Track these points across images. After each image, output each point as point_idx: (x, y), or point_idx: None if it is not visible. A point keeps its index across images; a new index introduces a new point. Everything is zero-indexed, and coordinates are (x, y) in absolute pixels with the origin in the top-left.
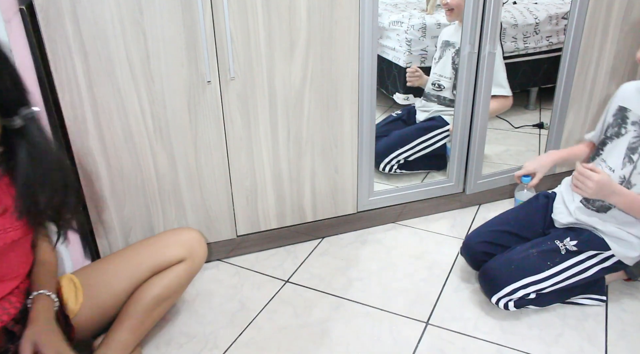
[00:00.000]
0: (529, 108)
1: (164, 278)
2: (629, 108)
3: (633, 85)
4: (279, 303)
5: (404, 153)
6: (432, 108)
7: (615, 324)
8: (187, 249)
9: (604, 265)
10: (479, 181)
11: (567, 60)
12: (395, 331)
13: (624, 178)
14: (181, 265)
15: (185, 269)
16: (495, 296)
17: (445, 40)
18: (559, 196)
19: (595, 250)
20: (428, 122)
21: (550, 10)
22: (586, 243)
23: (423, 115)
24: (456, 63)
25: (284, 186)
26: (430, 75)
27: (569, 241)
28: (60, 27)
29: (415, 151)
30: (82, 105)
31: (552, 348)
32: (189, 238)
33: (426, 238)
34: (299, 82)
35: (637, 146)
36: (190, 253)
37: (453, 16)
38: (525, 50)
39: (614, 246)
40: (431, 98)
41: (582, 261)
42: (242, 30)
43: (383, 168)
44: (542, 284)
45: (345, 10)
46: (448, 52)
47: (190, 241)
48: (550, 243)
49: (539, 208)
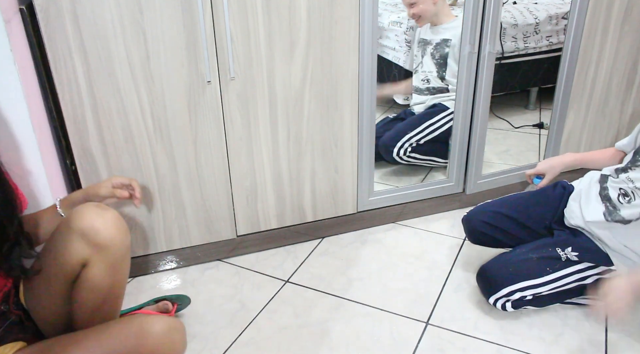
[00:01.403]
0: (529, 108)
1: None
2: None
3: None
4: (279, 303)
5: (414, 137)
6: (427, 98)
7: (615, 324)
8: (86, 244)
9: (604, 276)
10: (479, 181)
11: (567, 60)
12: (395, 331)
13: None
14: (89, 269)
15: (97, 268)
16: (492, 297)
17: (422, 39)
18: (577, 193)
19: (598, 262)
20: (430, 109)
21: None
22: (588, 255)
23: (420, 107)
24: (437, 58)
25: (284, 186)
26: (414, 76)
27: (571, 252)
28: (60, 27)
29: (424, 134)
30: (82, 105)
31: (552, 348)
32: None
33: (426, 238)
34: (299, 82)
35: None
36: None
37: (423, 21)
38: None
39: (616, 263)
40: (423, 92)
41: (582, 270)
42: (242, 30)
43: (397, 154)
44: (540, 288)
45: (345, 10)
46: (428, 49)
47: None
48: (551, 250)
49: (553, 198)
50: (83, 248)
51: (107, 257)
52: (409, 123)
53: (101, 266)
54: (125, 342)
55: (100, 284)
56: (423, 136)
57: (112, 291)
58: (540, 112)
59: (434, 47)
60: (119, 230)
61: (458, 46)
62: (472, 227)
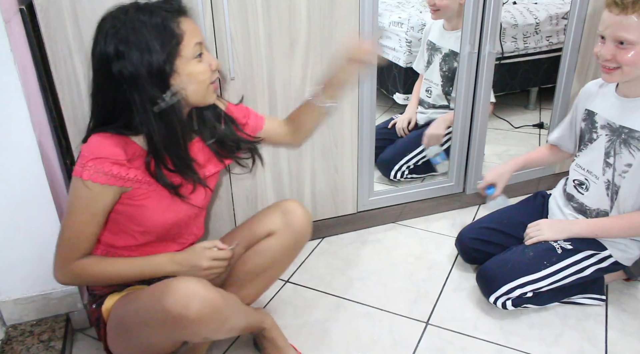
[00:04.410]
0: (529, 108)
1: (251, 255)
2: (595, 112)
3: (594, 86)
4: (279, 303)
5: (412, 159)
6: (428, 112)
7: (615, 324)
8: (277, 223)
9: (601, 265)
10: (479, 181)
11: (567, 60)
12: (395, 331)
13: (609, 182)
14: (270, 239)
15: (275, 244)
16: (492, 296)
17: (432, 42)
18: (553, 200)
19: (592, 250)
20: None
21: (550, 10)
22: (581, 243)
23: (422, 117)
24: (444, 70)
25: (284, 186)
26: (420, 78)
27: (564, 242)
28: (60, 27)
29: (423, 156)
30: (82, 105)
31: (552, 348)
32: (281, 210)
33: (426, 238)
34: (299, 82)
35: (610, 149)
36: (280, 227)
37: (439, 16)
38: (525, 50)
39: (609, 247)
40: (424, 104)
41: (579, 261)
42: (242, 30)
43: (394, 176)
44: (539, 283)
45: (345, 10)
46: (436, 57)
47: (281, 214)
48: (545, 243)
49: (535, 208)
50: (277, 221)
51: (290, 237)
52: (409, 143)
53: (282, 241)
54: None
55: (273, 255)
56: (422, 157)
57: (275, 266)
58: (540, 112)
59: (443, 57)
60: (309, 223)
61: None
62: (464, 246)
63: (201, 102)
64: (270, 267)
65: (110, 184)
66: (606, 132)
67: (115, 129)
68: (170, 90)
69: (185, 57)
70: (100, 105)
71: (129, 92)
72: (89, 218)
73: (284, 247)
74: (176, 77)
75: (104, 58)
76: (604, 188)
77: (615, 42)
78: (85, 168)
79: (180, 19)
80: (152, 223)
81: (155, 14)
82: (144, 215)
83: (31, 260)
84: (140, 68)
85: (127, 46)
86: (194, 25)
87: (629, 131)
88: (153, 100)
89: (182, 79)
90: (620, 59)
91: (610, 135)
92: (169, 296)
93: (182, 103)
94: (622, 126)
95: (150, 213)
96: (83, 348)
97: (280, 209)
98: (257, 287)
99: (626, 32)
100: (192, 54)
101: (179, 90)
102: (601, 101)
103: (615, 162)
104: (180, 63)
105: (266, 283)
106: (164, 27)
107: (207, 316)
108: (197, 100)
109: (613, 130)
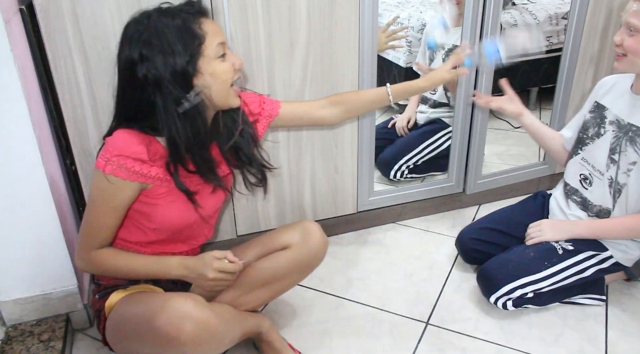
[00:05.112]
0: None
1: (263, 262)
2: (605, 107)
3: (610, 81)
4: (279, 303)
5: (412, 159)
6: (428, 111)
7: (615, 324)
8: (294, 238)
9: (602, 266)
10: (479, 181)
11: (567, 60)
12: (395, 331)
13: (612, 179)
14: (285, 251)
15: (288, 256)
16: (493, 296)
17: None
18: (553, 200)
19: (593, 250)
20: (430, 126)
21: (550, 10)
22: (582, 244)
23: (421, 116)
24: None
25: (284, 186)
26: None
27: (565, 242)
28: (60, 27)
29: (422, 155)
30: (82, 105)
31: (552, 348)
32: (301, 228)
33: (426, 238)
34: (299, 82)
35: (616, 146)
36: (297, 242)
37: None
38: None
39: (610, 248)
40: (426, 101)
41: (580, 262)
42: (242, 30)
43: (394, 176)
44: (540, 284)
45: (345, 10)
46: (438, 55)
47: (300, 231)
48: (546, 243)
49: (535, 207)
50: (295, 236)
51: (304, 254)
52: (408, 143)
53: (295, 256)
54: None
55: (284, 266)
56: (421, 157)
57: (284, 279)
58: (540, 112)
59: (446, 53)
60: (325, 247)
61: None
62: (464, 246)
63: (224, 104)
64: (279, 279)
65: (131, 180)
66: (614, 127)
67: (140, 128)
68: (194, 90)
69: (208, 57)
70: (126, 108)
71: (154, 94)
72: (107, 210)
73: (297, 262)
74: (199, 77)
75: (128, 62)
76: (607, 185)
77: (627, 28)
78: (109, 163)
79: (202, 19)
80: (166, 221)
81: (176, 17)
82: (159, 213)
83: (31, 260)
84: (164, 71)
85: (150, 50)
86: (216, 26)
87: (637, 129)
88: (177, 100)
89: (205, 79)
90: (625, 44)
91: (617, 132)
92: (162, 316)
93: (205, 104)
94: (630, 123)
95: (165, 211)
96: (83, 348)
97: (301, 227)
98: (261, 296)
99: (634, 18)
100: (215, 53)
101: (202, 89)
102: (614, 97)
103: (620, 159)
104: (202, 63)
105: (271, 295)
106: (186, 28)
107: (200, 339)
108: (220, 101)
109: (621, 127)
